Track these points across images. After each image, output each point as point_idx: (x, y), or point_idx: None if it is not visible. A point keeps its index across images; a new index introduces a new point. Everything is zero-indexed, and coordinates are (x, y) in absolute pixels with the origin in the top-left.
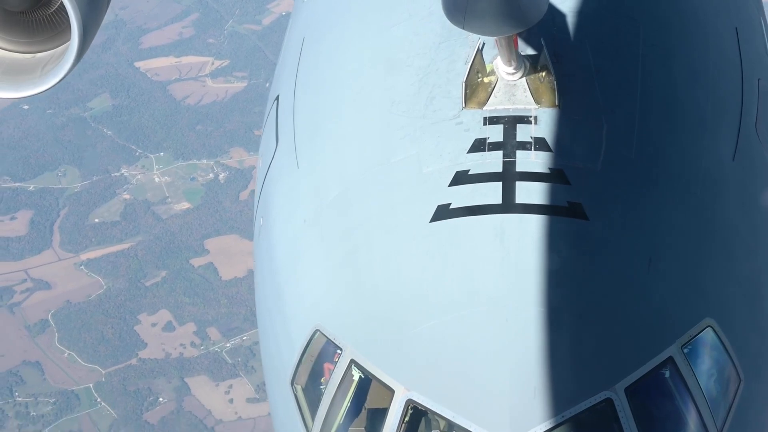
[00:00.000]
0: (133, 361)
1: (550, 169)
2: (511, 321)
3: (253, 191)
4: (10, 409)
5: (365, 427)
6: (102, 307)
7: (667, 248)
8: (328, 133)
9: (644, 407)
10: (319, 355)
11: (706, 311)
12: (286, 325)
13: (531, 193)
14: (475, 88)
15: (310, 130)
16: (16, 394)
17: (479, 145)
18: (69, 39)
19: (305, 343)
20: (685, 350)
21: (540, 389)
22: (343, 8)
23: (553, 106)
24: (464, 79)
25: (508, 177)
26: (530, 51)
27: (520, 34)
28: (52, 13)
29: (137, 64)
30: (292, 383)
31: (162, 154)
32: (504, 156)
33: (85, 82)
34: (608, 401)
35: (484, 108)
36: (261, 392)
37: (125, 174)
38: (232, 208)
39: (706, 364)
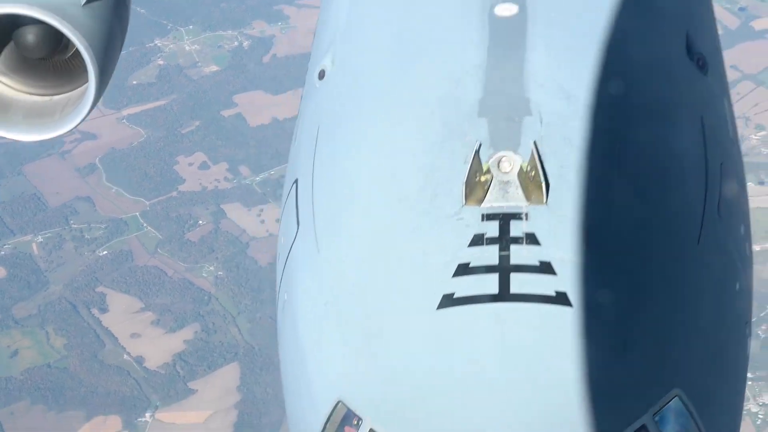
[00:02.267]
0: (174, 194)
1: (539, 261)
2: (507, 400)
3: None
4: (67, 234)
5: None
6: (143, 151)
7: (639, 328)
8: (345, 224)
9: None
10: (342, 421)
11: (674, 382)
12: (311, 395)
13: (523, 283)
14: (474, 186)
15: (329, 219)
16: (72, 221)
17: (478, 240)
18: (85, 81)
19: (329, 412)
20: (656, 418)
21: None
22: (354, 102)
23: (542, 203)
24: (464, 179)
25: (504, 269)
26: (522, 151)
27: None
28: (68, 58)
29: None
30: None
31: (191, 27)
32: (500, 250)
33: None
34: None
35: (482, 205)
36: None
37: (158, 44)
38: (256, 69)
39: (672, 423)
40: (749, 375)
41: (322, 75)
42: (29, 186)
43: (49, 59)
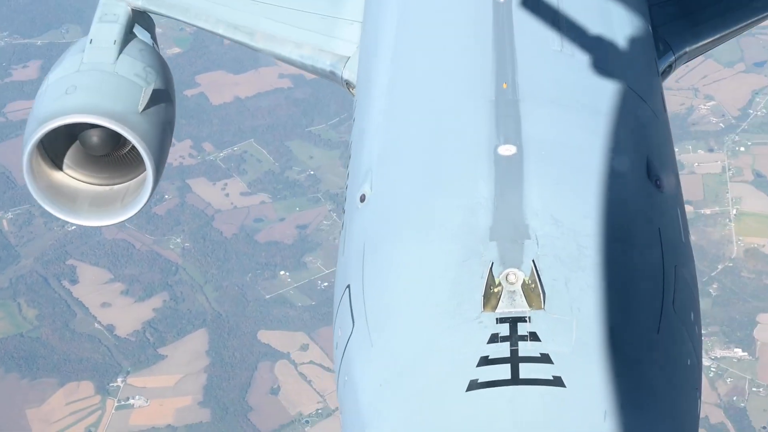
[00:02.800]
0: None
1: (540, 354)
2: None
3: None
4: (36, 210)
5: None
6: None
7: (616, 400)
8: (392, 323)
9: None
10: None
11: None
12: None
13: (529, 371)
14: (489, 296)
15: (379, 320)
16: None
17: (494, 339)
18: (141, 171)
19: None
20: None
21: None
22: (392, 225)
23: (540, 308)
24: (482, 291)
25: (514, 360)
26: (524, 267)
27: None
28: (125, 153)
29: None
30: None
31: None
32: (510, 346)
33: None
34: None
35: (496, 311)
36: (253, 187)
37: None
38: (218, 50)
39: None
40: (702, 331)
41: (363, 198)
42: None
43: (109, 155)
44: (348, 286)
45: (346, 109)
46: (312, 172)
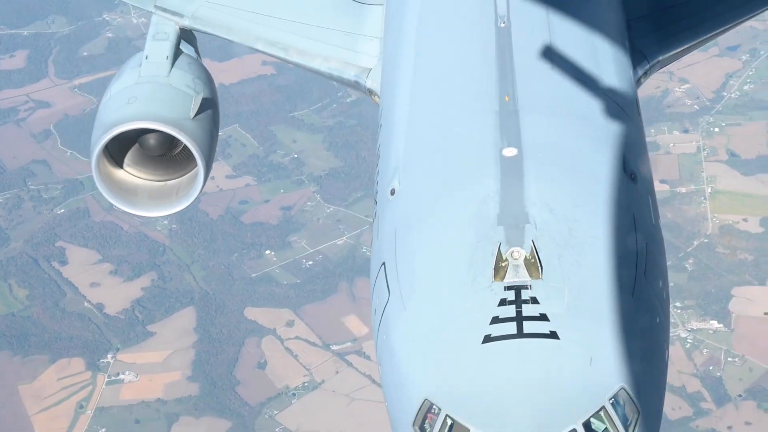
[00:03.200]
0: None
1: (539, 314)
2: (524, 385)
3: None
4: (25, 195)
5: None
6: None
7: (599, 350)
8: (421, 292)
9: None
10: (426, 411)
11: (620, 380)
12: (407, 397)
13: (531, 327)
14: (498, 270)
15: (410, 289)
16: (29, 183)
17: (503, 302)
18: (191, 168)
19: (419, 406)
20: (611, 402)
21: (537, 424)
22: (418, 215)
23: (539, 278)
24: (492, 266)
25: (519, 319)
26: (525, 246)
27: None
28: (178, 153)
29: None
30: (412, 425)
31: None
32: (516, 308)
33: None
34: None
35: (504, 281)
36: (238, 170)
37: (106, 18)
38: (203, 39)
39: (621, 405)
40: (678, 304)
41: (393, 192)
42: None
43: (164, 155)
44: (383, 263)
45: (328, 95)
46: (296, 156)
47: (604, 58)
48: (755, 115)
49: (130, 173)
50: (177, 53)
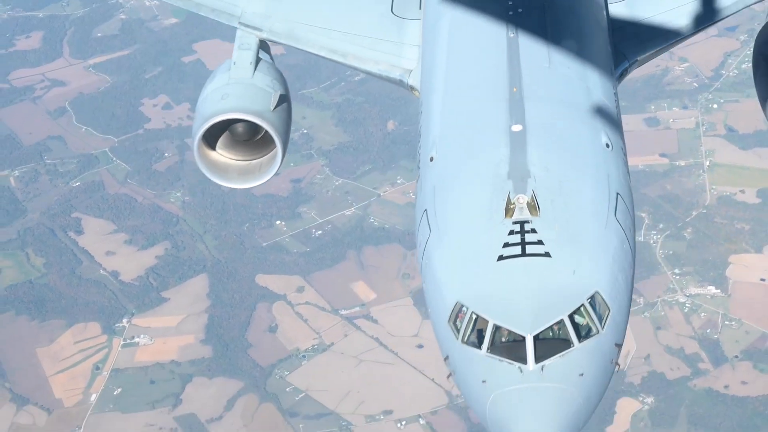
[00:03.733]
0: (140, 131)
1: (537, 240)
2: (528, 288)
3: None
4: (42, 168)
5: (476, 336)
6: (110, 95)
7: (581, 266)
8: (453, 229)
9: (574, 324)
10: (459, 311)
11: (595, 282)
12: (444, 301)
13: (531, 249)
14: (508, 210)
15: (445, 227)
16: (45, 157)
17: (511, 233)
18: (271, 149)
19: (452, 307)
20: (588, 302)
21: (539, 318)
22: (451, 176)
23: (537, 216)
24: (504, 207)
25: (523, 244)
26: (528, 193)
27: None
28: (261, 138)
29: None
30: (448, 321)
31: None
32: (520, 236)
33: None
34: (560, 321)
35: (512, 218)
36: None
37: (120, 1)
38: (213, 20)
39: (596, 304)
40: (677, 271)
41: (431, 159)
42: (4, 128)
43: (249, 140)
44: (425, 210)
45: (336, 73)
46: (305, 131)
47: (591, 59)
48: (753, 93)
49: (222, 155)
50: (258, 59)
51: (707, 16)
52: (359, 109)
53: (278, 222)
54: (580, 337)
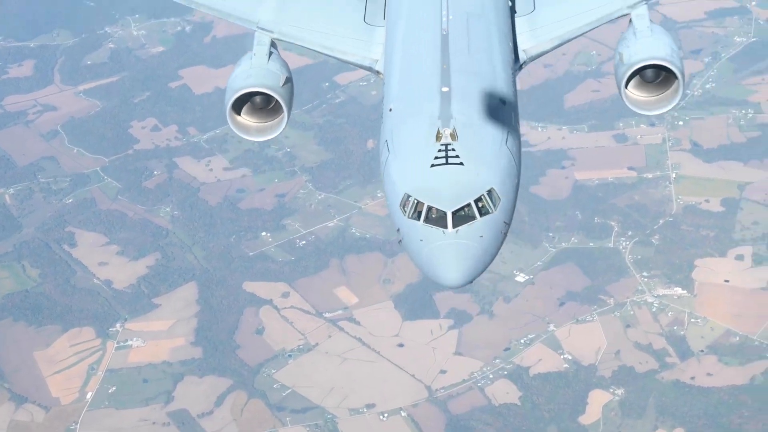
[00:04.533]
0: (130, 152)
1: (455, 155)
2: (448, 186)
3: None
4: (36, 186)
5: (416, 213)
6: (100, 118)
7: (484, 172)
8: (403, 150)
9: (477, 206)
10: (407, 199)
11: (491, 182)
12: (396, 194)
13: (452, 160)
14: (438, 137)
15: (398, 149)
16: (39, 176)
17: (439, 150)
18: (281, 114)
19: (402, 195)
20: (487, 193)
21: (456, 200)
22: (403, 120)
23: (456, 141)
24: (435, 136)
25: (446, 157)
26: (451, 127)
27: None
28: (272, 106)
29: None
30: (399, 205)
31: (137, 16)
32: (445, 152)
33: None
34: (468, 204)
35: (440, 142)
36: (234, 163)
37: (108, 31)
38: (199, 48)
39: (491, 195)
40: (646, 274)
41: (390, 110)
42: None
43: (264, 108)
44: (386, 140)
45: (318, 96)
46: (289, 150)
47: (497, 50)
48: (716, 110)
49: (245, 119)
50: (270, 52)
51: (572, 32)
52: (340, 129)
53: (264, 233)
54: (481, 214)
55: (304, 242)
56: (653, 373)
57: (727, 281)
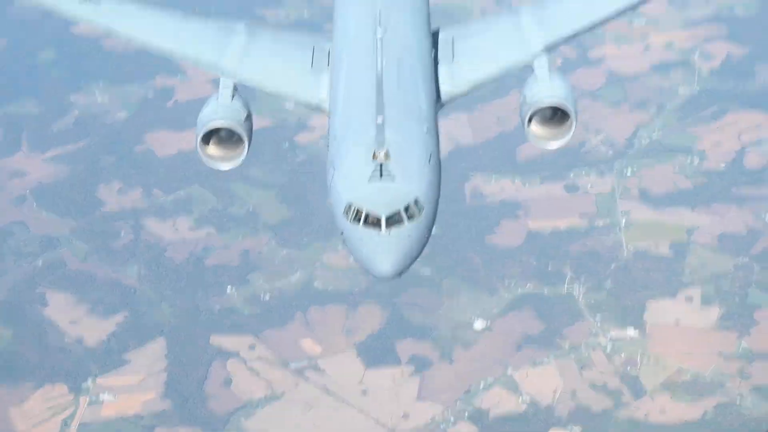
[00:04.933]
0: (97, 214)
1: (388, 172)
2: (382, 200)
3: None
4: (6, 250)
5: (357, 218)
6: (68, 183)
7: (412, 186)
8: (345, 169)
9: (406, 212)
10: (350, 207)
11: (417, 193)
12: (341, 202)
13: (385, 178)
14: (374, 157)
15: (341, 169)
16: (9, 241)
17: (375, 169)
18: (242, 146)
19: (346, 204)
20: (414, 202)
21: (388, 207)
22: (345, 145)
23: (390, 161)
24: (372, 156)
25: (381, 174)
26: (386, 147)
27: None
28: (235, 138)
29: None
30: (343, 212)
31: (100, 83)
32: (380, 171)
33: (36, 40)
34: (398, 211)
35: (375, 161)
36: (199, 222)
37: (73, 100)
38: (162, 113)
39: (416, 204)
40: (599, 317)
41: (335, 138)
42: None
43: (229, 140)
44: (332, 161)
45: (278, 156)
46: (251, 209)
47: (421, 84)
48: (663, 158)
49: (213, 149)
50: (233, 93)
51: (484, 79)
52: (301, 187)
53: (229, 288)
54: (409, 219)
55: (268, 296)
56: (609, 412)
57: (677, 321)
